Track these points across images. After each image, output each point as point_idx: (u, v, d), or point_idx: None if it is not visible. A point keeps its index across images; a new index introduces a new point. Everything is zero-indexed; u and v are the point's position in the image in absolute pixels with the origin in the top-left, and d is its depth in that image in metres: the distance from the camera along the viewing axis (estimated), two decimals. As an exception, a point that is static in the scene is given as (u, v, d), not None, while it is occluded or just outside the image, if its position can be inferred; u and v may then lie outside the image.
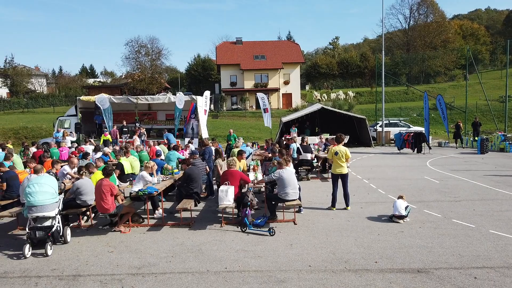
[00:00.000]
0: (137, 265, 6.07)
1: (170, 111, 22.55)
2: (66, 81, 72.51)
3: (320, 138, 16.03)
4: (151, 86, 51.94)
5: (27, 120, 35.75)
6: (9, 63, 57.12)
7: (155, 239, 7.36)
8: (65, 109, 34.88)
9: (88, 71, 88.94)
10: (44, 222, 6.71)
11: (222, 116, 41.94)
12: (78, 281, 5.52)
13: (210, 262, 6.08)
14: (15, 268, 6.02)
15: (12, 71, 56.63)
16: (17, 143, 25.72)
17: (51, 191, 6.78)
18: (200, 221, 8.48)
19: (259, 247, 6.70)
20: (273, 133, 25.53)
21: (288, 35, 79.42)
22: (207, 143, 11.81)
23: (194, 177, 8.96)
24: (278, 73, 49.59)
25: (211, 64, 61.64)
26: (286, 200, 7.91)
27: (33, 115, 42.33)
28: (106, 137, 19.05)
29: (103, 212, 7.80)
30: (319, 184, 12.54)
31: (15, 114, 44.99)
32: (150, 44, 55.31)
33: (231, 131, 19.54)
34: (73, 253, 6.63)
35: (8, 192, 8.92)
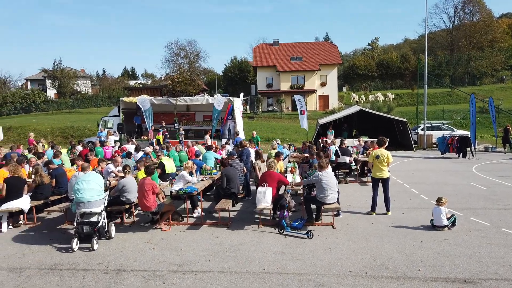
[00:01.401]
0: (177, 262, 6.20)
1: (207, 112, 22.89)
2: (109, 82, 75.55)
3: (358, 141, 15.72)
4: (189, 87, 53.04)
5: (73, 120, 37.53)
6: (58, 66, 60.39)
7: (195, 237, 7.49)
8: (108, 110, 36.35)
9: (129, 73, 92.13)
10: (91, 217, 7.02)
11: (258, 117, 42.08)
12: (122, 275, 5.73)
13: (249, 263, 6.11)
14: (64, 261, 6.33)
15: (60, 73, 59.82)
16: (64, 141, 27.12)
17: (97, 188, 7.08)
18: (238, 221, 8.55)
19: (297, 250, 6.65)
20: (309, 135, 25.30)
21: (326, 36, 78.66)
22: (245, 144, 11.88)
23: (231, 178, 9.05)
24: (315, 74, 49.11)
25: (248, 66, 62.05)
26: (325, 203, 7.81)
27: (79, 115, 44.40)
28: (159, 136, 19.62)
29: (145, 209, 8.06)
30: (358, 187, 12.29)
31: (62, 114, 47.40)
32: (188, 46, 56.64)
33: (254, 133, 19.48)
34: (117, 249, 6.89)
35: (57, 188, 9.41)
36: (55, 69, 60.08)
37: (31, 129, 29.36)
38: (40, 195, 8.85)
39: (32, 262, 6.29)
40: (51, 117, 41.92)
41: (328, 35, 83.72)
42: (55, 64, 60.57)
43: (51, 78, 61.27)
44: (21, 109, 53.07)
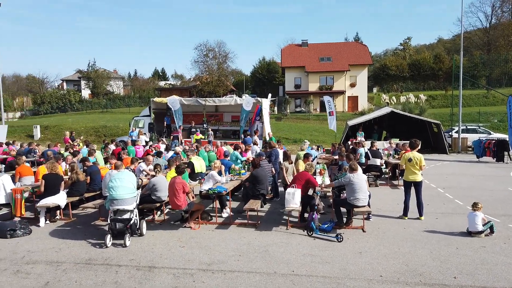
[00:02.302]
0: (207, 261, 6.27)
1: (235, 113, 23.02)
2: (140, 83, 77.45)
3: (389, 143, 15.37)
4: (218, 88, 53.56)
5: (106, 119, 38.71)
6: (92, 67, 62.48)
7: (223, 237, 7.54)
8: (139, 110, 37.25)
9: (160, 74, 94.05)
10: (124, 215, 7.20)
11: (286, 118, 41.94)
12: (153, 272, 5.84)
13: (277, 264, 6.09)
14: (98, 256, 6.53)
15: (94, 74, 61.85)
16: (97, 140, 27.99)
17: (130, 186, 7.27)
18: (266, 222, 8.54)
19: (327, 253, 6.57)
20: (338, 136, 24.97)
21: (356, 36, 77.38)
22: (274, 145, 11.86)
23: (260, 179, 9.05)
24: (344, 75, 48.44)
25: (276, 67, 61.96)
26: (356, 206, 7.68)
27: (111, 114, 45.75)
28: (198, 136, 19.96)
29: (175, 208, 8.20)
30: (389, 191, 12.00)
31: (96, 113, 48.99)
32: (217, 47, 57.17)
33: (270, 133, 19.35)
34: (148, 246, 7.03)
35: (91, 185, 9.72)
36: (90, 70, 62.20)
37: (67, 128, 30.50)
38: (75, 192, 9.18)
39: (68, 256, 6.52)
40: (85, 117, 43.42)
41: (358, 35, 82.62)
42: (89, 65, 62.75)
43: (85, 79, 63.47)
44: (57, 109, 55.24)
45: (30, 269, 6.02)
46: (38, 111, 55.29)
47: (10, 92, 68.46)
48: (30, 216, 9.03)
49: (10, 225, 7.67)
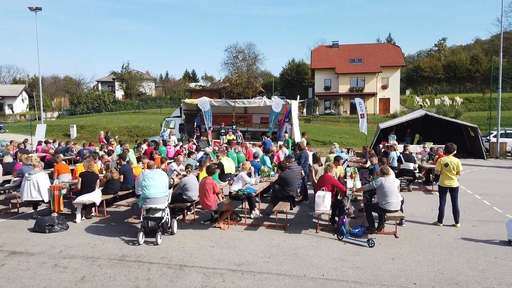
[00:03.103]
0: (236, 261, 6.30)
1: (264, 115, 23.03)
2: (171, 84, 79.01)
3: (423, 147, 14.91)
4: (247, 90, 53.83)
5: (138, 120, 39.73)
6: (125, 69, 64.32)
7: (252, 238, 7.56)
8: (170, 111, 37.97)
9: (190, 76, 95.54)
10: (156, 213, 7.35)
11: (315, 120, 41.58)
12: (184, 271, 5.93)
13: (307, 268, 6.03)
14: (131, 253, 6.70)
15: (127, 75, 63.64)
16: (130, 140, 28.77)
17: (162, 186, 7.41)
18: (295, 224, 8.49)
19: (358, 258, 6.45)
20: (369, 139, 24.49)
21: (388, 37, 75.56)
22: (304, 147, 11.78)
23: (289, 181, 9.00)
24: (375, 77, 47.49)
25: (305, 68, 61.60)
26: (388, 211, 7.50)
27: (143, 115, 46.91)
28: (230, 137, 20.20)
29: (205, 208, 8.30)
30: (422, 196, 11.65)
31: (128, 114, 50.37)
32: (247, 49, 57.50)
33: (286, 135, 19.12)
34: (179, 244, 7.15)
35: (124, 184, 10.00)
36: (123, 71, 64.05)
37: (101, 128, 31.53)
38: (110, 190, 9.47)
39: (103, 252, 6.73)
40: (118, 117, 44.72)
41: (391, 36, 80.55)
42: (123, 67, 64.59)
43: (119, 80, 65.40)
44: (93, 109, 57.25)
45: (67, 263, 6.25)
46: (75, 111, 57.49)
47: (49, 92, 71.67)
48: (67, 212, 9.38)
49: (49, 221, 8.00)
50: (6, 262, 6.32)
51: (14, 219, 9.12)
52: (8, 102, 60.60)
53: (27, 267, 6.11)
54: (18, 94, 62.24)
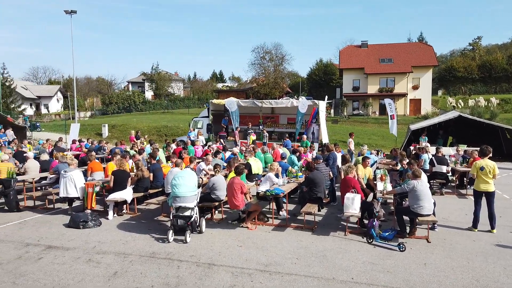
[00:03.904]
0: (264, 262, 6.30)
1: (292, 115, 22.95)
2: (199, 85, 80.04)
3: (456, 150, 14.42)
4: (274, 90, 53.79)
5: (167, 120, 40.46)
6: (155, 70, 65.77)
7: (280, 239, 7.54)
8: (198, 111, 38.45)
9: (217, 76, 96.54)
10: (185, 212, 7.47)
11: (343, 121, 41.04)
12: (213, 269, 5.99)
13: (336, 270, 5.96)
14: (161, 250, 6.83)
15: (157, 76, 65.04)
16: (159, 139, 29.34)
17: (192, 185, 7.52)
18: (323, 226, 8.40)
19: (388, 262, 6.31)
20: (398, 141, 23.95)
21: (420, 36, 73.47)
22: (332, 149, 11.64)
23: (317, 182, 8.93)
24: (406, 77, 46.32)
25: (333, 69, 60.91)
26: (420, 215, 7.30)
27: (172, 115, 47.74)
28: (253, 137, 20.32)
29: (233, 208, 8.35)
30: (456, 200, 11.26)
31: (157, 114, 51.41)
32: (274, 50, 57.45)
33: (304, 137, 18.79)
34: (207, 243, 7.23)
35: (154, 182, 10.20)
36: (153, 72, 65.50)
37: (132, 127, 32.32)
38: (140, 188, 9.70)
39: (134, 249, 6.90)
40: (148, 117, 45.72)
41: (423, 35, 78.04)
42: (153, 68, 66.12)
43: (149, 81, 66.95)
44: (123, 109, 58.80)
45: (100, 258, 6.45)
46: (106, 111, 59.23)
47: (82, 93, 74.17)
48: (100, 209, 9.67)
49: (83, 217, 8.28)
50: (43, 256, 6.58)
51: (50, 214, 9.49)
52: (44, 102, 63.23)
53: (62, 261, 6.34)
54: (54, 94, 64.86)
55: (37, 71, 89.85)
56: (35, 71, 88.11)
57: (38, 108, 61.92)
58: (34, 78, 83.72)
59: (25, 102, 54.80)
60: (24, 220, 8.90)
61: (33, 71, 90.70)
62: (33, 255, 6.59)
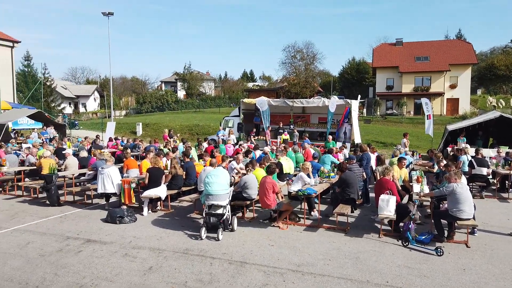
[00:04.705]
0: (296, 262, 6.27)
1: (323, 115, 22.69)
2: (229, 84, 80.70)
3: (498, 152, 13.77)
4: (305, 89, 53.37)
5: (199, 119, 41.04)
6: (187, 69, 66.91)
7: (312, 239, 7.48)
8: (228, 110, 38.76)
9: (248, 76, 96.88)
10: (217, 210, 7.55)
11: (375, 121, 40.14)
12: (245, 267, 6.02)
13: (370, 273, 5.84)
14: (194, 247, 6.94)
15: (189, 76, 66.14)
16: (190, 138, 29.83)
17: (224, 183, 7.60)
18: (356, 228, 8.25)
19: (425, 266, 6.12)
20: (434, 142, 23.14)
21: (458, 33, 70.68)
22: (365, 149, 11.41)
23: (350, 183, 8.78)
24: (443, 75, 44.68)
25: (366, 67, 59.73)
26: (459, 219, 7.02)
27: (203, 114, 48.39)
28: (286, 136, 20.34)
29: (264, 207, 8.36)
30: (497, 204, 10.76)
31: (189, 113, 52.24)
32: (305, 49, 56.93)
33: (329, 138, 18.29)
34: (239, 241, 7.27)
35: (187, 180, 10.38)
36: (185, 72, 66.67)
37: (165, 126, 33.03)
38: (174, 185, 9.89)
39: (168, 245, 7.04)
40: (180, 116, 46.55)
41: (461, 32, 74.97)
42: (185, 67, 67.27)
43: (181, 81, 68.19)
44: (156, 108, 60.18)
45: (136, 253, 6.63)
46: (140, 110, 60.84)
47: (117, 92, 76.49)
48: (135, 205, 9.94)
49: (119, 212, 8.54)
50: (83, 249, 6.85)
51: (88, 209, 9.85)
52: (82, 101, 65.89)
53: (100, 254, 6.57)
54: (91, 93, 67.43)
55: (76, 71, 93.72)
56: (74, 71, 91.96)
57: (77, 107, 64.58)
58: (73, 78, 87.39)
59: (64, 101, 57.31)
60: (65, 214, 9.29)
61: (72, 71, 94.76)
62: (73, 248, 6.87)
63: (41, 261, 6.24)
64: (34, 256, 6.47)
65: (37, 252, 6.65)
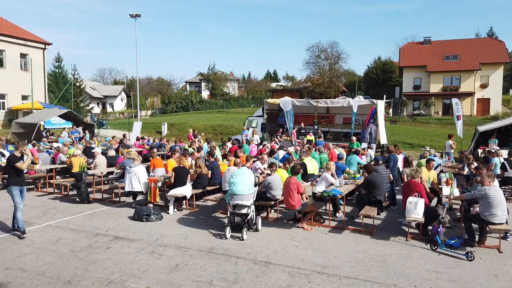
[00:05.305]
0: (321, 264, 6.21)
1: (347, 115, 22.44)
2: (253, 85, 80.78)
3: (532, 154, 13.20)
4: (329, 89, 52.87)
5: (222, 119, 41.33)
6: (211, 70, 67.54)
7: (337, 241, 7.40)
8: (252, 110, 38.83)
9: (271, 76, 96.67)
10: (242, 209, 7.59)
11: (402, 121, 39.29)
12: (269, 268, 6.02)
13: (397, 277, 5.72)
14: (219, 246, 6.99)
15: (213, 76, 66.75)
16: (214, 138, 30.08)
17: (249, 183, 7.63)
18: (383, 230, 8.10)
19: (455, 271, 5.94)
20: (464, 143, 22.44)
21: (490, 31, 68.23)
22: (392, 150, 11.19)
23: (377, 184, 8.64)
24: (473, 75, 43.23)
25: (392, 67, 58.52)
26: (491, 223, 6.79)
27: (227, 114, 48.70)
28: (311, 137, 20.28)
29: (289, 207, 8.33)
30: (531, 208, 10.32)
31: (213, 113, 52.69)
32: (330, 48, 56.37)
33: (353, 138, 17.86)
34: (263, 241, 7.28)
35: (212, 179, 10.46)
36: (209, 72, 67.31)
37: (189, 126, 33.46)
38: (199, 185, 9.99)
39: (193, 243, 7.13)
40: (204, 116, 47.03)
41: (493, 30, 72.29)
42: (209, 68, 67.92)
43: (205, 81, 68.88)
44: (181, 108, 61.03)
45: (162, 251, 6.75)
46: (165, 110, 61.86)
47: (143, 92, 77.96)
48: (161, 204, 10.12)
49: (146, 210, 8.71)
50: (111, 245, 7.02)
51: (116, 207, 10.10)
52: (109, 101, 67.58)
53: (128, 251, 6.72)
54: (118, 94, 69.07)
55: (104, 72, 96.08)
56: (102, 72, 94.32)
57: (104, 107, 66.28)
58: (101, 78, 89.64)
59: (92, 101, 58.97)
60: (94, 211, 9.56)
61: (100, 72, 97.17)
62: (102, 245, 7.05)
63: (72, 257, 6.45)
64: (65, 252, 6.68)
65: (68, 248, 6.87)
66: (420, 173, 8.31)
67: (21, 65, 33.55)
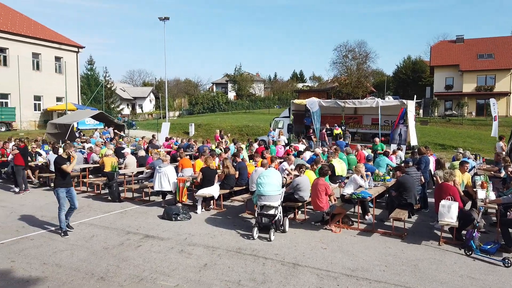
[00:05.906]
0: (350, 266, 6.13)
1: (376, 116, 22.01)
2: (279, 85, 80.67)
3: None
4: (357, 89, 52.07)
5: (248, 119, 41.46)
6: (238, 71, 67.98)
7: (366, 244, 7.27)
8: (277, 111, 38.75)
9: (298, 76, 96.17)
10: (269, 210, 7.58)
11: (433, 122, 38.17)
12: (297, 269, 5.99)
13: (429, 282, 5.57)
14: (246, 247, 7.02)
15: (239, 77, 67.15)
16: (240, 138, 30.22)
17: (276, 184, 7.62)
18: (414, 234, 7.90)
19: (490, 278, 5.72)
20: (500, 145, 21.53)
21: (526, 28, 65.37)
22: (424, 152, 10.89)
23: (408, 187, 8.43)
24: (509, 74, 41.45)
25: (423, 66, 56.99)
26: (530, 229, 6.49)
27: (253, 115, 48.81)
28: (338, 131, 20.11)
29: (317, 209, 8.26)
30: None
31: (239, 114, 52.95)
32: (357, 48, 55.51)
33: (376, 140, 17.26)
34: (291, 243, 7.25)
35: (239, 180, 10.52)
36: (236, 74, 67.78)
37: (216, 127, 33.78)
38: (226, 185, 10.08)
39: (221, 243, 7.19)
40: (230, 117, 47.34)
41: (530, 26, 69.24)
42: (236, 69, 68.40)
43: (232, 82, 69.41)
44: (208, 109, 61.73)
45: (191, 250, 6.84)
46: (192, 111, 62.73)
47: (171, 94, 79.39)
48: (189, 203, 10.26)
49: (175, 210, 8.86)
50: (142, 244, 7.18)
51: (146, 206, 10.32)
52: (138, 102, 69.29)
53: (158, 250, 6.85)
54: (147, 95, 70.71)
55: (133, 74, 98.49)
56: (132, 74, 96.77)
57: (134, 108, 67.97)
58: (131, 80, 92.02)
59: (122, 102, 60.59)
60: (125, 210, 9.81)
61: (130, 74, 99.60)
62: (133, 242, 7.23)
63: (105, 254, 6.64)
64: (98, 249, 6.89)
65: (101, 245, 7.08)
66: (454, 175, 8.06)
67: (55, 68, 34.93)
